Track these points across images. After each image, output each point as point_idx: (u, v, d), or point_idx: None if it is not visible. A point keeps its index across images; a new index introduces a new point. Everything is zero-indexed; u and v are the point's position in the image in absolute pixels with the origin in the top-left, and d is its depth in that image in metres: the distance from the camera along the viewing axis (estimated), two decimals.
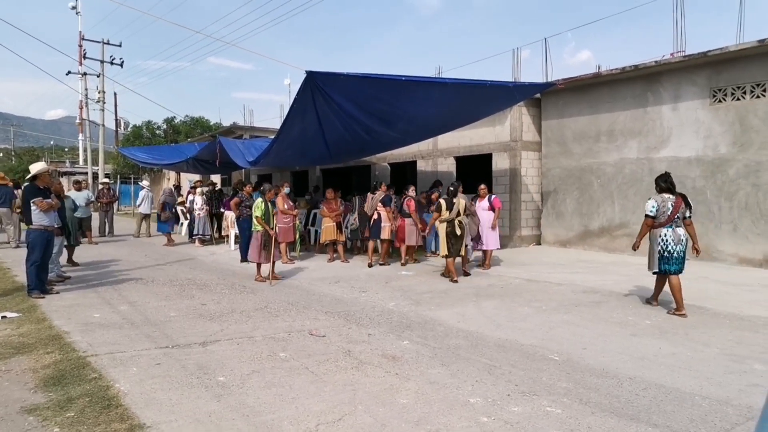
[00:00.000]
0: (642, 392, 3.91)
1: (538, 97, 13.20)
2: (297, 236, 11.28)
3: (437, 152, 14.91)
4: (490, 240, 9.68)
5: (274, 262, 8.66)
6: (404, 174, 16.33)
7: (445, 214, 8.71)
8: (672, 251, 6.29)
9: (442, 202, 8.81)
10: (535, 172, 13.45)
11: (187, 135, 36.84)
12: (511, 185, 13.08)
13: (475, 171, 13.89)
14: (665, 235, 6.33)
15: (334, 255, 11.20)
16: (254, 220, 8.60)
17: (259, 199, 8.67)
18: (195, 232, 14.24)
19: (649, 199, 6.54)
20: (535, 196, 13.45)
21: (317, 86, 8.20)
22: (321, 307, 6.82)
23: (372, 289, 8.00)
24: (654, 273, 6.56)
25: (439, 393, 3.88)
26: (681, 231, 6.34)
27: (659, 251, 6.37)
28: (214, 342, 5.20)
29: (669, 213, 6.30)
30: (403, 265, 10.39)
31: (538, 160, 13.46)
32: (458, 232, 8.64)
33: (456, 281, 8.57)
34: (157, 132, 40.19)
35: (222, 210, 14.92)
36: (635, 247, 6.71)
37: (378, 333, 5.56)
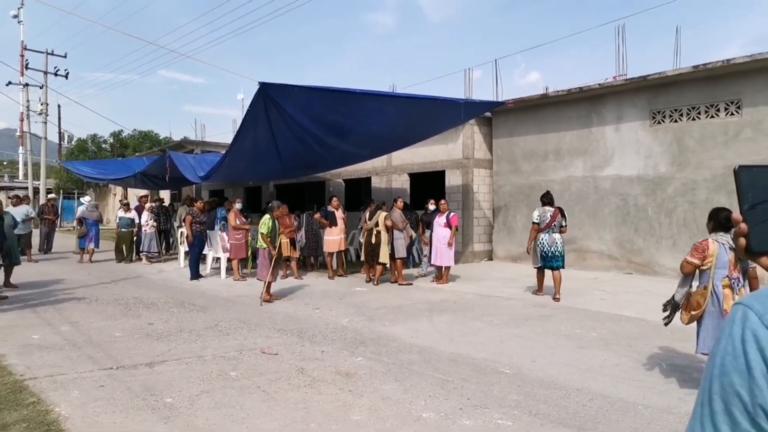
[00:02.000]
0: (588, 403, 4.02)
1: (489, 116, 13.54)
2: (249, 253, 11.11)
3: (391, 169, 15.04)
4: (444, 256, 9.76)
5: (269, 282, 8.34)
6: (359, 190, 16.38)
7: (368, 224, 10.00)
8: (547, 251, 7.98)
9: (366, 213, 10.11)
10: (487, 188, 13.75)
11: (135, 149, 35.79)
12: (463, 202, 13.31)
13: (428, 187, 14.07)
14: (542, 239, 8.02)
15: (288, 271, 11.08)
16: (259, 237, 8.42)
17: (266, 216, 8.52)
18: (141, 248, 13.80)
19: (534, 210, 8.26)
20: (486, 213, 13.73)
21: (270, 97, 8.17)
22: (273, 324, 6.73)
23: (325, 306, 7.95)
24: (535, 268, 8.27)
25: (392, 409, 3.88)
26: (556, 236, 8.00)
27: (539, 251, 8.04)
28: (162, 362, 5.04)
29: (547, 221, 7.99)
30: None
31: (490, 177, 13.77)
32: (374, 240, 9.85)
33: (370, 281, 9.95)
34: (104, 146, 38.86)
35: (178, 226, 14.54)
36: (528, 251, 8.39)
37: (331, 350, 5.52)
